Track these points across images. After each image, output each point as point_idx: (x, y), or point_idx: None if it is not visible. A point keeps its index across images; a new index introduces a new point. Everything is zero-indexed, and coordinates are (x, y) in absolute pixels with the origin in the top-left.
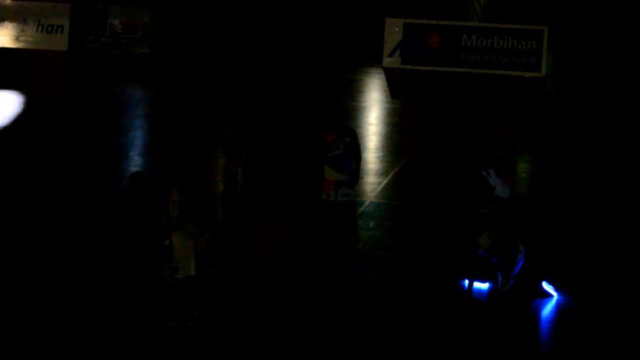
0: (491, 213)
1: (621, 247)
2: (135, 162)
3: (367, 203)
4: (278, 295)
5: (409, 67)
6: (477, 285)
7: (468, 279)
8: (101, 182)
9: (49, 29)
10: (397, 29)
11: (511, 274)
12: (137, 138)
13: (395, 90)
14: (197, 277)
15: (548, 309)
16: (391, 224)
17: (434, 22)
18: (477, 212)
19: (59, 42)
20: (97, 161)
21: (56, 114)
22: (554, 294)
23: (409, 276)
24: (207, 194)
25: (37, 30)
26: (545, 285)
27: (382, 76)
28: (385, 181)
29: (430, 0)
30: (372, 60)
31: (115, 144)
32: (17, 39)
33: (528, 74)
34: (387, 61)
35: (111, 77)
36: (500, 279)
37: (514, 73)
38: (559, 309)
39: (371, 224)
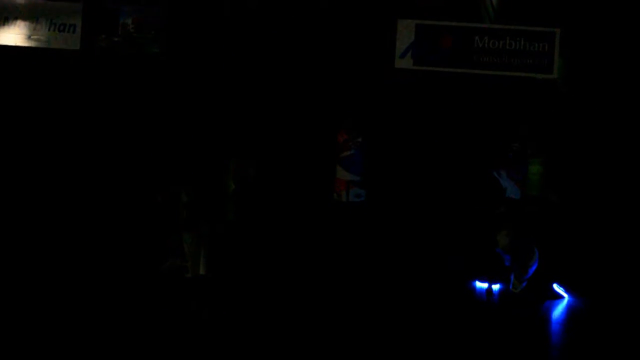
0: (504, 214)
1: (633, 249)
2: (144, 163)
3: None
4: (285, 296)
5: (421, 68)
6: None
7: (487, 282)
8: (108, 184)
9: (61, 27)
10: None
11: (524, 276)
12: (147, 138)
13: (407, 91)
14: (208, 277)
15: (559, 310)
16: (403, 224)
17: (446, 23)
18: (494, 212)
19: (71, 41)
20: (104, 163)
21: (65, 111)
22: (565, 295)
23: (421, 277)
24: (218, 193)
25: (49, 29)
26: (556, 287)
27: (395, 77)
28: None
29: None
30: (384, 61)
31: (125, 144)
32: (29, 37)
33: (540, 76)
34: (399, 62)
35: (122, 77)
36: (512, 279)
37: (526, 75)
38: (570, 310)
39: (382, 224)
